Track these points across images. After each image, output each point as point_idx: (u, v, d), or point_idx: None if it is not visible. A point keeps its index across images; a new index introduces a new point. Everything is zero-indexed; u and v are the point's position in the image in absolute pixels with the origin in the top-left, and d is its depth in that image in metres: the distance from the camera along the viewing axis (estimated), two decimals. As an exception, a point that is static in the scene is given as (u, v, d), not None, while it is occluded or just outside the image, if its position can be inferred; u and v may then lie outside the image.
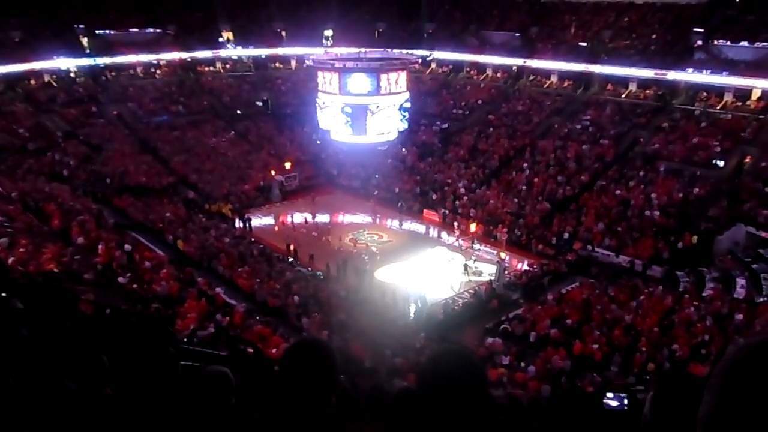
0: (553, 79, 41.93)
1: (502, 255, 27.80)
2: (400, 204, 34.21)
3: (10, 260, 16.30)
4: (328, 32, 52.89)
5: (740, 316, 18.17)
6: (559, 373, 16.52)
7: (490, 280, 25.11)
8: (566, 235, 28.75)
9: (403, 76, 31.89)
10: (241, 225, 32.15)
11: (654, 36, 39.08)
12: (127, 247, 21.56)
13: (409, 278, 25.69)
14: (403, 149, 39.71)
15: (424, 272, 26.41)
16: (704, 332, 17.54)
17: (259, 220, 33.29)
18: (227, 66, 49.73)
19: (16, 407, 2.20)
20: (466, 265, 26.77)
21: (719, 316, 18.65)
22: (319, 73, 32.43)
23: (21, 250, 17.64)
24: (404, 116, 32.07)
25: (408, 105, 32.46)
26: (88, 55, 43.52)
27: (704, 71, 34.70)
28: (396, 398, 2.39)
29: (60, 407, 2.22)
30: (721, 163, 30.33)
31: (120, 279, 18.42)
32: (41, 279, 14.51)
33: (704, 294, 21.32)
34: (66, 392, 2.27)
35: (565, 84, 41.29)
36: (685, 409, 1.43)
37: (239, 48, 49.99)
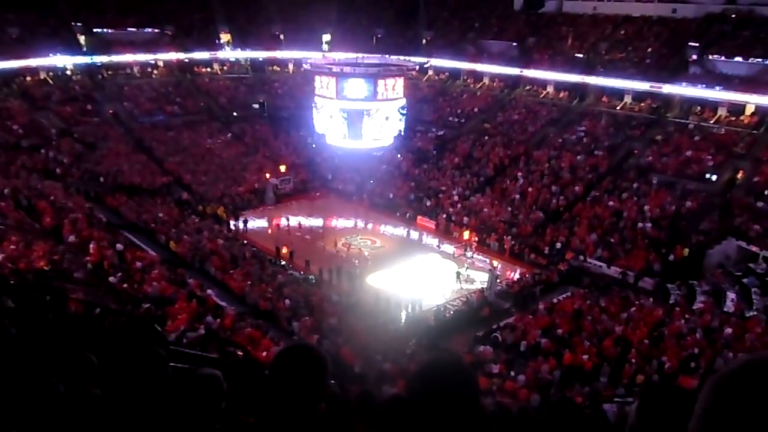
0: (549, 89, 42.13)
1: (495, 263, 27.85)
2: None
3: (0, 257, 16.22)
4: (326, 37, 53.03)
5: (729, 330, 18.23)
6: (549, 382, 16.52)
7: (482, 288, 25.14)
8: (559, 245, 28.81)
9: (400, 82, 32.00)
10: (236, 227, 32.01)
11: (650, 49, 39.33)
12: (119, 246, 21.45)
13: (402, 284, 25.69)
14: (399, 155, 39.73)
15: (417, 278, 26.41)
16: (694, 345, 17.60)
17: (253, 223, 33.22)
18: (224, 68, 49.66)
19: (3, 407, 2.18)
20: (458, 273, 26.79)
21: (709, 330, 18.71)
22: (317, 78, 32.51)
23: (11, 247, 17.54)
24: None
25: (404, 111, 32.54)
26: (85, 53, 43.43)
27: (699, 85, 34.95)
28: (386, 405, 2.39)
29: (48, 407, 2.20)
30: (713, 177, 30.54)
31: (111, 278, 18.32)
32: (31, 277, 14.44)
33: (694, 307, 21.37)
34: (54, 392, 2.26)
35: (561, 94, 41.48)
36: (670, 419, 1.44)
37: (237, 50, 50.02)
